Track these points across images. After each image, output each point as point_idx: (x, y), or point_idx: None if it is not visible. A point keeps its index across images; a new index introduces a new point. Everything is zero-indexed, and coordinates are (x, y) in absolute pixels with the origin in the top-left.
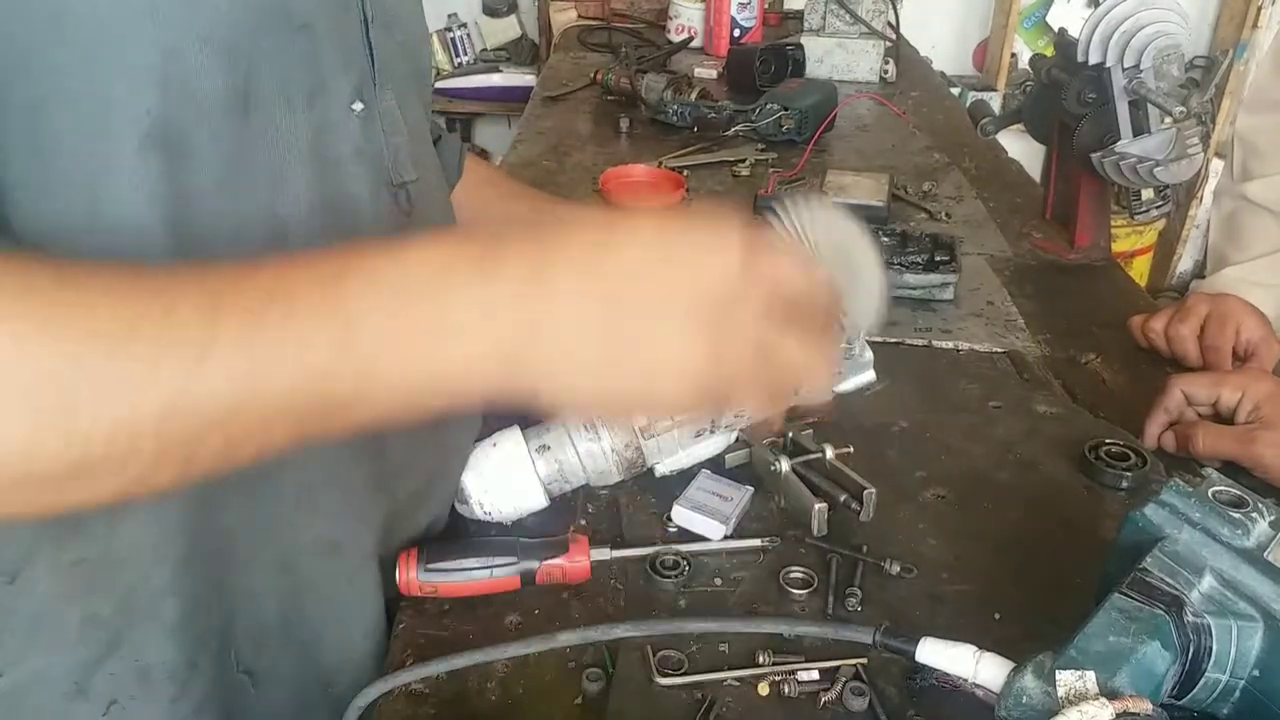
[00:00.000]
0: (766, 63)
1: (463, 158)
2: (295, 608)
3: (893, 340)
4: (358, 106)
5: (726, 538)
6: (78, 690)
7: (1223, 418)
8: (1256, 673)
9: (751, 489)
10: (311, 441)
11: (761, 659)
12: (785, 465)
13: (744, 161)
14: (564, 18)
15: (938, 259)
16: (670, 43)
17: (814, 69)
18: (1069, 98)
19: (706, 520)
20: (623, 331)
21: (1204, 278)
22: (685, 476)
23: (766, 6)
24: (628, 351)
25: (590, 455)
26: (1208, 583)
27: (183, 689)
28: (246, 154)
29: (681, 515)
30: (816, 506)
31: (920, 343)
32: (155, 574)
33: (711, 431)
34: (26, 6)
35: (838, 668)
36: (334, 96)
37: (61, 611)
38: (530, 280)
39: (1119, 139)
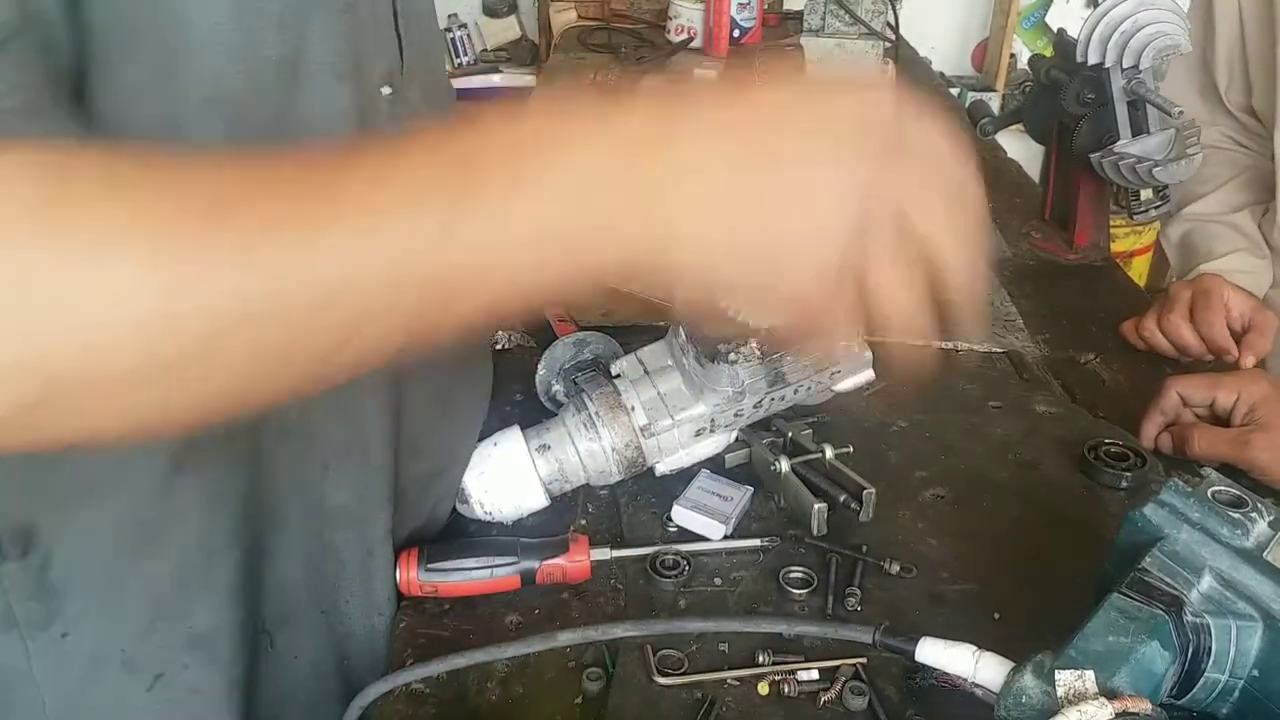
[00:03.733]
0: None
1: None
2: (320, 573)
3: (892, 340)
4: (386, 90)
5: (726, 537)
6: (124, 659)
7: (1219, 419)
8: (1256, 672)
9: (751, 489)
10: (436, 329)
11: (761, 659)
12: (785, 465)
13: None
14: (564, 18)
15: None
16: (670, 43)
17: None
18: (1068, 98)
19: (706, 520)
20: (761, 179)
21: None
22: (685, 476)
23: (766, 7)
24: (765, 202)
25: (591, 455)
26: (1207, 582)
27: (238, 654)
28: (292, 126)
29: (681, 515)
30: (816, 506)
31: (920, 342)
32: (210, 535)
33: (711, 431)
34: None
35: (837, 667)
36: (368, 79)
37: (124, 569)
38: (656, 129)
39: (1118, 139)
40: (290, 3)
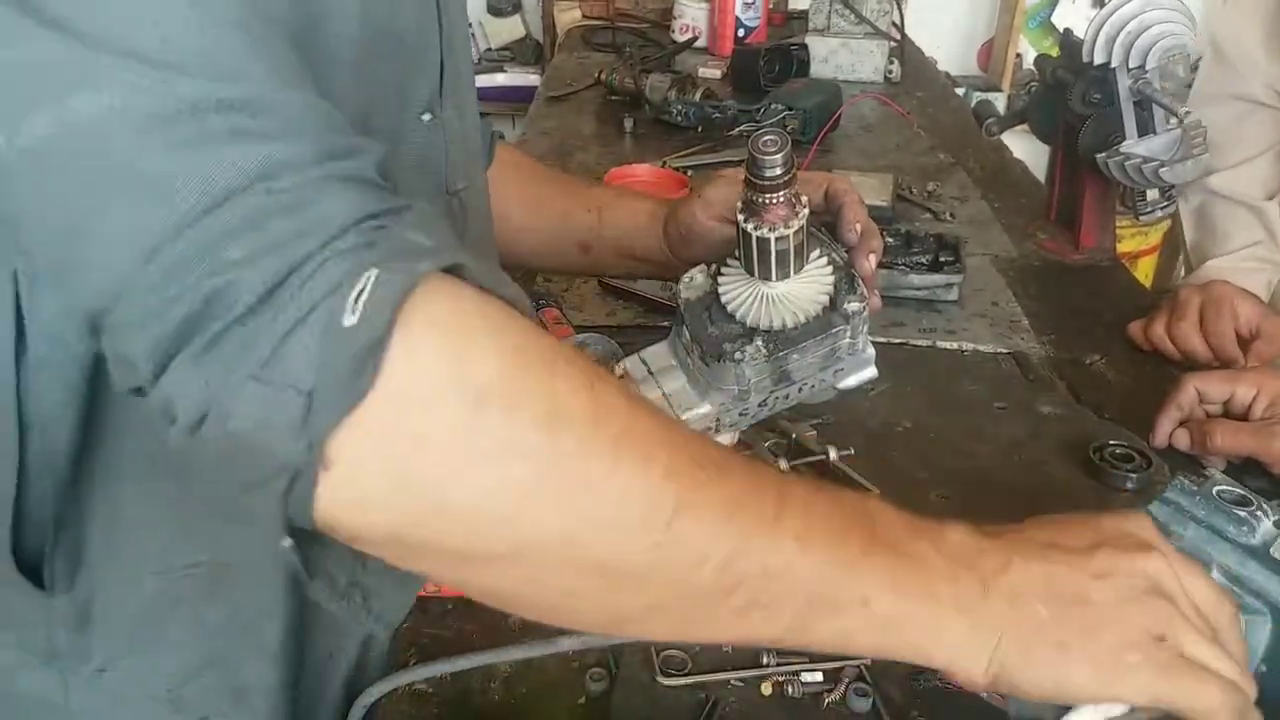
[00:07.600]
0: (771, 63)
1: (493, 144)
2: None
3: (897, 340)
4: (426, 117)
5: None
6: (170, 698)
7: (1234, 416)
8: (1264, 667)
9: None
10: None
11: (765, 659)
12: (783, 467)
13: None
14: (568, 17)
15: (942, 259)
16: (674, 42)
17: (818, 69)
18: (1074, 98)
19: None
20: (1075, 630)
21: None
22: None
23: (771, 6)
24: (1081, 646)
25: None
26: (1214, 577)
27: (274, 711)
28: None
29: None
30: None
31: (924, 343)
32: (262, 593)
33: (717, 431)
34: None
35: (841, 668)
36: (410, 108)
37: (166, 614)
38: (995, 587)
39: (1124, 139)
40: (359, 47)
